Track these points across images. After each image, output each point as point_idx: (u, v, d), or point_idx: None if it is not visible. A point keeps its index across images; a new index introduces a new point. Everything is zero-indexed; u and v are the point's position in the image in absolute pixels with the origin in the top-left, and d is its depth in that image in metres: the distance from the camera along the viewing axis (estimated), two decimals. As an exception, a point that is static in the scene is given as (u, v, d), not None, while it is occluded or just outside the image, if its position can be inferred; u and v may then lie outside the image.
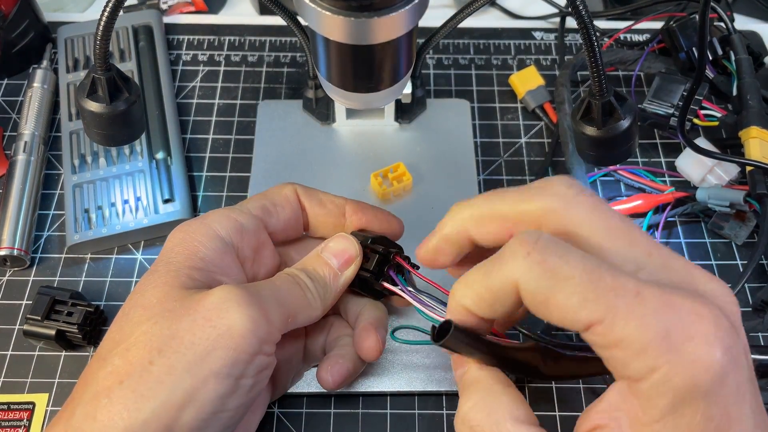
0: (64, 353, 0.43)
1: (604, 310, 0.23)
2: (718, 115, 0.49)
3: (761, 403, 0.24)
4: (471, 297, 0.27)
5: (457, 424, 0.28)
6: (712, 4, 0.51)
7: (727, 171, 0.48)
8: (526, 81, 0.54)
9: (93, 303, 0.43)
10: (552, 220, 0.26)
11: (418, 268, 0.35)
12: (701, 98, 0.48)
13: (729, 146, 0.51)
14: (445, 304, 0.32)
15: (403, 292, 0.34)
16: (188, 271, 0.31)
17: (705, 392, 0.23)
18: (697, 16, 0.47)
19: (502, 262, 0.25)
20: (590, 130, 0.36)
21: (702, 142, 0.48)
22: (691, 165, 0.48)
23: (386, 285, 0.35)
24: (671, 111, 0.48)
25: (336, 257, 0.35)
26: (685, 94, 0.48)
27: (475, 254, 0.30)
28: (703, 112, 0.49)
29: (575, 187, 0.26)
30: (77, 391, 0.30)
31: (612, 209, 0.26)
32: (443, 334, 0.27)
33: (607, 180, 0.50)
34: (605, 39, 0.56)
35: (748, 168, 0.45)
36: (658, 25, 0.58)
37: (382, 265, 0.36)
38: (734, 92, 0.49)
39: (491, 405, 0.27)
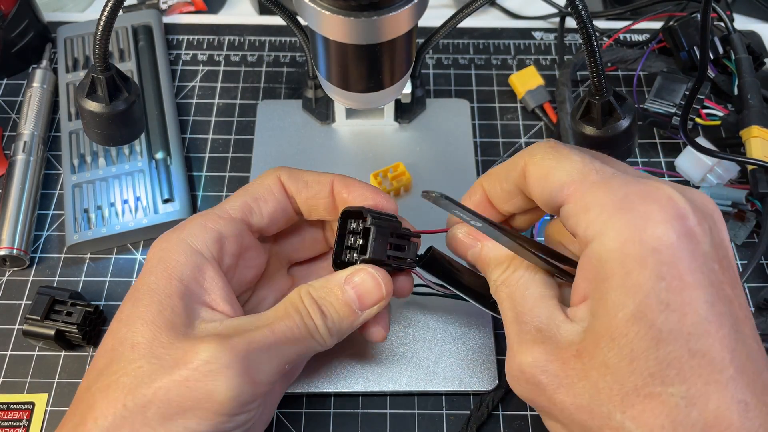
0: (63, 353, 0.43)
1: (580, 182, 0.28)
2: (720, 114, 0.49)
3: (728, 309, 0.25)
4: (490, 182, 0.34)
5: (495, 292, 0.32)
6: (715, 6, 0.51)
7: (727, 170, 0.48)
8: (526, 81, 0.54)
9: (92, 303, 0.43)
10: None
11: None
12: (703, 97, 0.48)
13: (728, 146, 0.51)
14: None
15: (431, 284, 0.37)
16: (171, 301, 0.30)
17: (653, 249, 0.25)
18: (699, 15, 0.47)
19: (519, 153, 0.31)
20: (590, 130, 0.36)
21: (702, 141, 0.48)
22: (692, 164, 0.48)
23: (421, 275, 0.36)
24: (673, 110, 0.48)
25: (360, 299, 0.32)
26: (687, 93, 0.48)
27: None
28: (705, 111, 0.49)
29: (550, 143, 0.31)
30: (71, 409, 0.30)
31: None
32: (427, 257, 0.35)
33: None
34: (605, 39, 0.56)
35: (750, 167, 0.45)
36: (657, 24, 0.58)
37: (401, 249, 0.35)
38: (735, 91, 0.49)
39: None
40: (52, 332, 0.41)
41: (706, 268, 0.25)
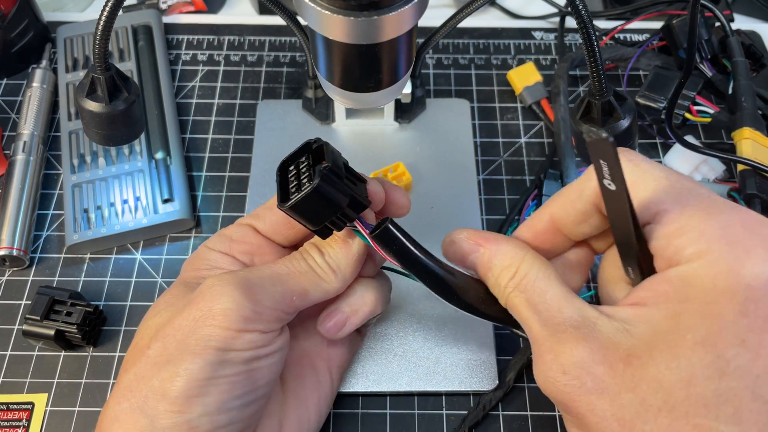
0: (63, 353, 0.43)
1: (673, 202, 0.27)
2: (711, 111, 0.49)
3: None
4: (560, 204, 0.31)
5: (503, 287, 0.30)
6: (710, 6, 0.51)
7: (713, 169, 0.48)
8: (524, 77, 0.54)
9: (92, 303, 0.43)
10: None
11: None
12: (694, 94, 0.48)
13: (716, 149, 0.51)
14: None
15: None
16: (195, 273, 0.35)
17: (746, 285, 0.24)
18: (697, 14, 0.47)
19: (592, 168, 0.29)
20: (590, 130, 0.36)
21: (690, 139, 0.49)
22: (679, 161, 0.49)
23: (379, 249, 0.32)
24: (663, 105, 0.48)
25: (347, 232, 0.34)
26: (676, 87, 0.48)
27: None
28: (696, 108, 0.49)
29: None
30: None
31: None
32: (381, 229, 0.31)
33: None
34: (602, 38, 0.56)
35: (740, 167, 0.46)
36: (656, 24, 0.58)
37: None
38: (730, 91, 0.50)
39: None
40: (52, 332, 0.41)
41: None
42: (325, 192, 0.30)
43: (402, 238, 0.32)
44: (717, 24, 0.52)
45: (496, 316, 0.33)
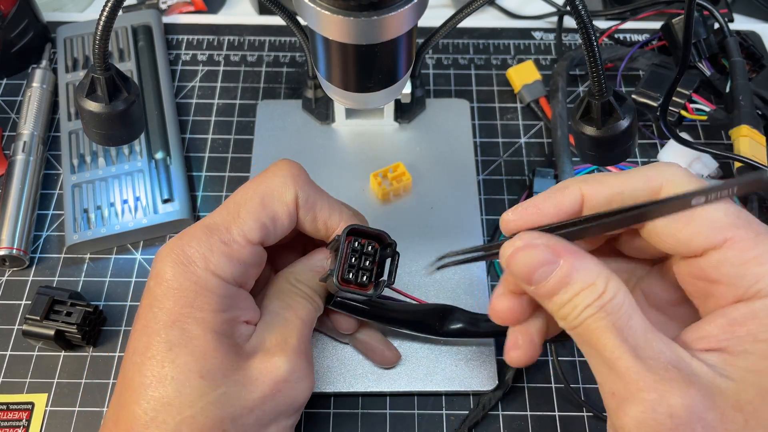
0: (63, 353, 0.43)
1: (746, 229, 0.26)
2: (707, 109, 0.49)
3: None
4: (598, 187, 0.28)
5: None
6: (709, 6, 0.51)
7: (707, 166, 0.49)
8: (524, 75, 0.54)
9: (92, 303, 0.43)
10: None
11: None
12: (690, 92, 0.49)
13: (711, 145, 0.51)
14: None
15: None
16: (220, 329, 0.32)
17: None
18: (698, 13, 0.47)
19: (651, 166, 0.28)
20: (590, 130, 0.36)
21: (684, 136, 0.49)
22: (672, 158, 0.49)
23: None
24: (659, 102, 0.49)
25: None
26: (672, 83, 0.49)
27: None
28: (692, 105, 0.49)
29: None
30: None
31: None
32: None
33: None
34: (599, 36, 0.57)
35: (737, 165, 0.46)
36: (656, 24, 0.58)
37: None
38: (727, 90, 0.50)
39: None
40: (52, 332, 0.41)
41: None
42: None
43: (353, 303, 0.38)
44: (717, 26, 0.52)
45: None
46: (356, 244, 0.34)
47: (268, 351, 0.32)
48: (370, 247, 0.35)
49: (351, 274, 0.34)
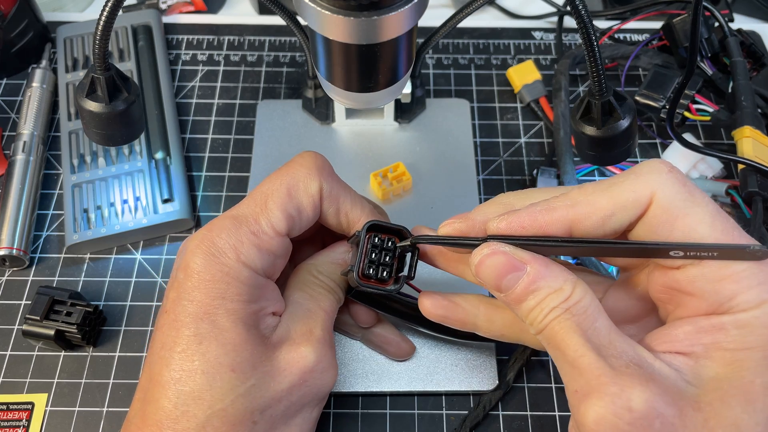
0: (63, 353, 0.43)
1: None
2: (710, 110, 0.49)
3: None
4: (594, 217, 0.27)
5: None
6: (708, 6, 0.51)
7: (711, 167, 0.49)
8: (524, 75, 0.54)
9: (92, 303, 0.43)
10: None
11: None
12: (693, 92, 0.49)
13: (715, 147, 0.51)
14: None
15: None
16: (248, 320, 0.32)
17: None
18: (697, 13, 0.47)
19: (637, 175, 0.27)
20: (590, 130, 0.36)
21: (689, 138, 0.49)
22: (676, 160, 0.49)
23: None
24: (662, 103, 0.49)
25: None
26: (677, 86, 0.48)
27: None
28: (695, 106, 0.49)
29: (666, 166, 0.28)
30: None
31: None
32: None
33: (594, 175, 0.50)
34: (600, 37, 0.57)
35: (740, 166, 0.46)
36: (656, 24, 0.58)
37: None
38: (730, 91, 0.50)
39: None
40: (52, 332, 0.41)
41: None
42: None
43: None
44: (717, 24, 0.52)
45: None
46: (376, 239, 0.34)
47: (294, 341, 0.32)
48: (390, 243, 0.34)
49: (371, 270, 0.34)
